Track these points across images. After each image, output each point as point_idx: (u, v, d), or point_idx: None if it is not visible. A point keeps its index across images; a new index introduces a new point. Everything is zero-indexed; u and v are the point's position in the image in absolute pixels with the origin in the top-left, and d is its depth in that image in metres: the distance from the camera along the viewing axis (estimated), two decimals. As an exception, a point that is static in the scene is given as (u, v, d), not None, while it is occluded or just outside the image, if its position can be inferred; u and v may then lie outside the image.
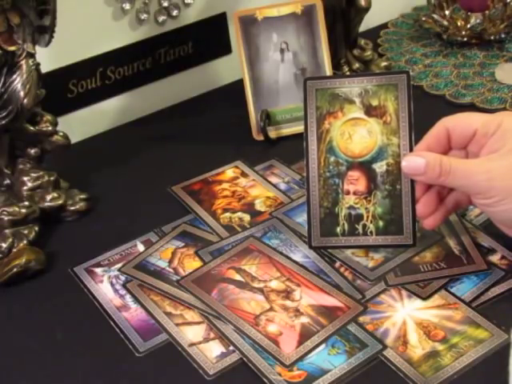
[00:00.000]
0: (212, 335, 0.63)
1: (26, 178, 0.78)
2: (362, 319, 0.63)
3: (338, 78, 0.69)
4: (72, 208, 0.79)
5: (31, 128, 0.77)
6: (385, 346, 0.60)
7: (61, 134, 0.79)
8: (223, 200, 0.79)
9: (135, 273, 0.70)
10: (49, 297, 0.70)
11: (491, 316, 0.62)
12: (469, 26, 1.06)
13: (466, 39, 1.07)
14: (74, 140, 0.83)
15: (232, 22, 0.93)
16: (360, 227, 0.67)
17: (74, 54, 0.91)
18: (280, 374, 0.58)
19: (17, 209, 0.75)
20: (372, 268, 0.68)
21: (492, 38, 1.06)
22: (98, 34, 0.92)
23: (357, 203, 0.67)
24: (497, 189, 0.60)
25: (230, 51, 1.03)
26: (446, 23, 1.07)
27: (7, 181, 0.79)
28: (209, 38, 1.01)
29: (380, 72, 0.95)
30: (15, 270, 0.70)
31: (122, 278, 0.70)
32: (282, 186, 0.81)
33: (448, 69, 1.03)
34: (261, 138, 0.89)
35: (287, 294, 0.66)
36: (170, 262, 0.71)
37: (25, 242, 0.74)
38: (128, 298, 0.68)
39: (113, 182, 0.85)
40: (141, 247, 0.74)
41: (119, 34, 0.94)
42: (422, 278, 0.66)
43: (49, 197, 0.78)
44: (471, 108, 0.92)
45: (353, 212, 0.67)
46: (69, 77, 0.91)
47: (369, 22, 1.08)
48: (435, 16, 1.08)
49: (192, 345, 0.62)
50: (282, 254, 0.70)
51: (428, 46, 1.09)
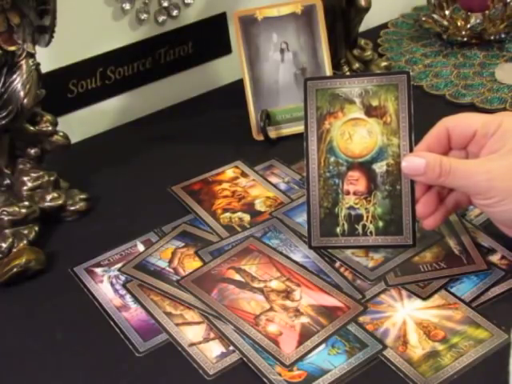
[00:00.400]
0: (212, 335, 0.63)
1: (25, 178, 0.78)
2: (361, 319, 0.63)
3: (338, 78, 0.69)
4: (72, 208, 0.79)
5: (31, 128, 0.77)
6: (385, 346, 0.60)
7: (61, 133, 0.79)
8: (223, 200, 0.79)
9: (135, 273, 0.70)
10: (49, 297, 0.70)
11: (491, 316, 0.62)
12: (469, 26, 1.06)
13: (466, 39, 1.07)
14: (73, 140, 0.83)
15: (232, 22, 0.93)
16: (360, 227, 0.67)
17: (73, 54, 0.91)
18: (280, 374, 0.58)
19: (17, 209, 0.75)
20: (372, 268, 0.68)
21: (492, 38, 1.06)
22: (98, 34, 0.92)
23: (357, 203, 0.67)
24: (497, 189, 0.60)
25: (230, 51, 1.03)
26: (446, 23, 1.07)
27: (7, 181, 0.79)
28: (209, 37, 1.01)
29: (380, 72, 0.95)
30: (15, 269, 0.70)
31: (122, 278, 0.70)
32: (282, 186, 0.81)
33: (448, 69, 1.03)
34: (261, 138, 0.89)
35: (287, 293, 0.66)
36: (170, 262, 0.71)
37: (25, 241, 0.74)
38: (128, 298, 0.68)
39: (113, 181, 0.85)
40: (141, 247, 0.74)
41: (119, 34, 0.94)
42: (421, 278, 0.66)
43: (49, 197, 0.78)
44: (471, 108, 0.92)
45: (353, 212, 0.67)
46: (69, 77, 0.91)
47: (369, 22, 1.08)
48: (435, 16, 1.08)
49: (192, 345, 0.62)
50: (282, 254, 0.70)
51: (428, 45, 1.09)
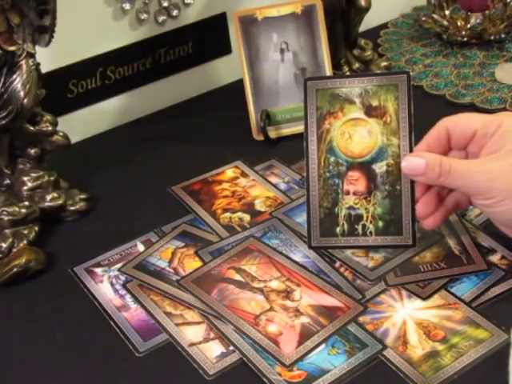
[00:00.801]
0: (212, 335, 0.63)
1: (26, 178, 0.78)
2: (362, 319, 0.63)
3: (338, 78, 0.69)
4: (72, 208, 0.79)
5: (31, 128, 0.77)
6: (385, 346, 0.60)
7: (61, 133, 0.79)
8: (223, 200, 0.79)
9: (135, 273, 0.70)
10: (49, 297, 0.70)
11: (491, 316, 0.62)
12: (469, 26, 1.06)
13: (466, 39, 1.07)
14: (73, 140, 0.83)
15: (232, 21, 0.93)
16: (360, 227, 0.67)
17: (73, 54, 0.91)
18: (280, 374, 0.58)
19: (17, 209, 0.75)
20: (372, 268, 0.68)
21: (492, 37, 1.06)
22: (98, 34, 0.92)
23: (356, 203, 0.67)
24: (497, 189, 0.60)
25: (230, 51, 1.03)
26: (446, 23, 1.07)
27: (7, 181, 0.79)
28: (209, 37, 1.01)
29: (380, 72, 0.95)
30: (15, 269, 0.70)
31: (122, 277, 0.70)
32: (282, 186, 0.81)
33: (448, 69, 1.03)
34: (261, 138, 0.89)
35: (287, 294, 0.66)
36: (170, 262, 0.71)
37: (25, 241, 0.74)
38: (128, 298, 0.68)
39: (113, 181, 0.85)
40: (141, 247, 0.74)
41: (119, 34, 0.94)
42: (422, 278, 0.66)
43: (49, 197, 0.78)
44: (471, 108, 0.92)
45: (352, 212, 0.67)
46: (69, 77, 0.91)
47: (369, 21, 1.08)
48: (435, 16, 1.08)
49: (192, 345, 0.62)
50: (282, 254, 0.70)
51: (428, 45, 1.09)
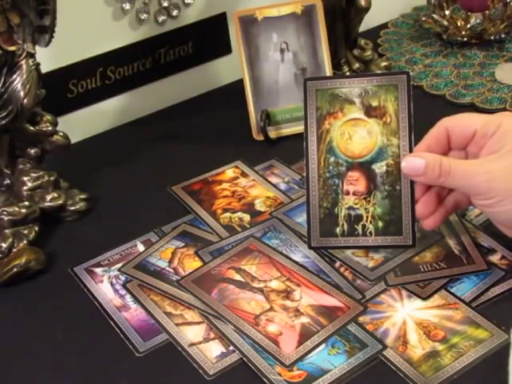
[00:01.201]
0: (212, 335, 0.63)
1: (26, 178, 0.78)
2: (362, 319, 0.63)
3: (338, 79, 0.69)
4: (72, 208, 0.79)
5: (31, 128, 0.77)
6: (385, 346, 0.60)
7: (61, 134, 0.79)
8: (223, 200, 0.79)
9: (135, 273, 0.70)
10: (49, 297, 0.70)
11: (491, 316, 0.62)
12: (469, 26, 1.06)
13: (466, 39, 1.07)
14: (73, 140, 0.83)
15: (232, 21, 0.93)
16: (359, 228, 0.67)
17: (73, 54, 0.91)
18: (280, 374, 0.58)
19: (17, 209, 0.75)
20: (372, 268, 0.68)
21: (492, 37, 1.07)
22: (98, 34, 0.92)
23: (356, 204, 0.67)
24: (497, 189, 0.60)
25: (230, 51, 1.03)
26: (445, 23, 1.07)
27: (7, 181, 0.79)
28: (209, 37, 1.01)
29: (380, 72, 0.95)
30: (15, 269, 0.70)
31: (122, 278, 0.70)
32: (282, 186, 0.81)
33: (448, 69, 1.03)
34: (261, 138, 0.89)
35: (287, 293, 0.66)
36: (170, 262, 0.71)
37: (25, 242, 0.74)
38: (128, 298, 0.68)
39: (113, 181, 0.85)
40: (141, 247, 0.74)
41: (119, 34, 0.94)
42: (422, 278, 0.66)
43: (49, 197, 0.78)
44: (471, 108, 0.92)
45: (352, 212, 0.67)
46: (69, 77, 0.91)
47: (369, 22, 1.08)
48: (435, 16, 1.08)
49: (192, 345, 0.62)
50: (282, 254, 0.70)
51: (428, 46, 1.09)
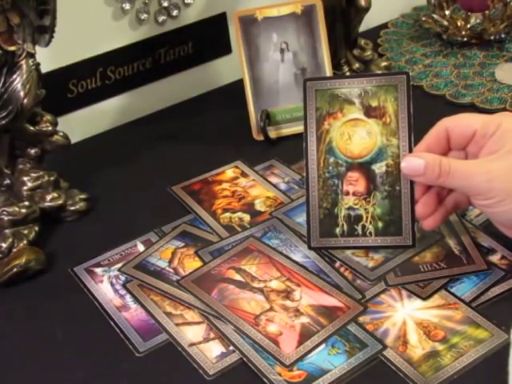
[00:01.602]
0: (212, 335, 0.63)
1: (26, 178, 0.78)
2: (362, 319, 0.63)
3: (337, 79, 0.69)
4: (72, 208, 0.79)
5: (31, 128, 0.77)
6: (385, 346, 0.60)
7: (61, 134, 0.79)
8: (223, 200, 0.79)
9: (135, 273, 0.70)
10: (49, 297, 0.70)
11: (491, 316, 0.62)
12: (469, 26, 1.06)
13: (466, 39, 1.07)
14: (73, 140, 0.83)
15: (232, 21, 0.93)
16: (359, 228, 0.67)
17: (73, 54, 0.91)
18: (280, 374, 0.58)
19: (17, 209, 0.75)
20: (372, 268, 0.68)
21: (492, 37, 1.06)
22: (98, 34, 0.92)
23: (356, 204, 0.67)
24: (496, 190, 0.60)
25: (230, 51, 1.03)
26: (445, 23, 1.07)
27: (7, 181, 0.79)
28: (209, 37, 1.01)
29: (380, 73, 0.95)
30: (15, 269, 0.70)
31: (122, 278, 0.70)
32: (282, 186, 0.81)
33: (448, 69, 1.03)
34: (261, 138, 0.89)
35: (287, 293, 0.66)
36: (170, 262, 0.71)
37: (25, 242, 0.74)
38: (128, 298, 0.68)
39: (113, 181, 0.85)
40: (141, 247, 0.74)
41: (119, 34, 0.94)
42: (422, 278, 0.66)
43: (49, 197, 0.78)
44: (471, 108, 0.92)
45: (352, 213, 0.67)
46: (69, 77, 0.91)
47: (369, 21, 1.08)
48: (435, 16, 1.08)
49: (192, 345, 0.62)
50: (282, 254, 0.70)
51: (428, 45, 1.09)
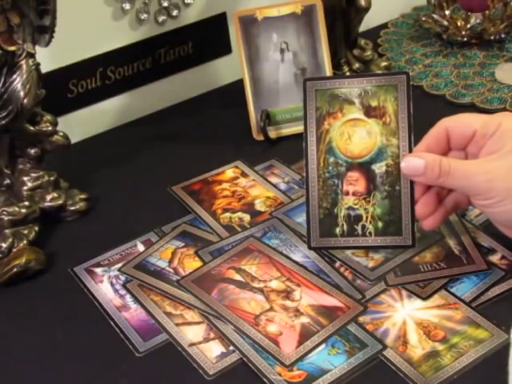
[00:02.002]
0: (212, 335, 0.63)
1: (26, 178, 0.78)
2: (362, 319, 0.63)
3: (337, 79, 0.69)
4: (72, 208, 0.79)
5: (31, 128, 0.77)
6: (385, 346, 0.60)
7: (61, 134, 0.79)
8: (223, 200, 0.79)
9: (135, 273, 0.70)
10: (49, 297, 0.70)
11: (491, 316, 0.62)
12: (469, 26, 1.06)
13: (466, 39, 1.07)
14: (73, 140, 0.83)
15: (232, 21, 0.93)
16: (359, 228, 0.67)
17: (73, 54, 0.91)
18: (280, 374, 0.58)
19: (17, 209, 0.75)
20: (372, 268, 0.68)
21: (492, 37, 1.06)
22: (98, 34, 0.92)
23: (356, 204, 0.67)
24: (496, 190, 0.60)
25: (230, 51, 1.03)
26: (445, 23, 1.07)
27: (7, 181, 0.79)
28: (209, 37, 1.01)
29: (380, 73, 0.95)
30: (15, 269, 0.70)
31: (122, 278, 0.70)
32: (282, 186, 0.81)
33: (448, 69, 1.03)
34: (261, 138, 0.89)
35: (287, 293, 0.66)
36: (170, 262, 0.71)
37: (25, 242, 0.74)
38: (128, 298, 0.68)
39: (113, 181, 0.85)
40: (141, 247, 0.74)
41: (119, 34, 0.94)
42: (422, 278, 0.66)
43: (49, 197, 0.78)
44: (471, 108, 0.92)
45: (352, 213, 0.67)
46: (69, 77, 0.91)
47: (369, 21, 1.08)
48: (435, 16, 1.08)
49: (192, 345, 0.62)
50: (282, 254, 0.70)
51: (428, 45, 1.09)
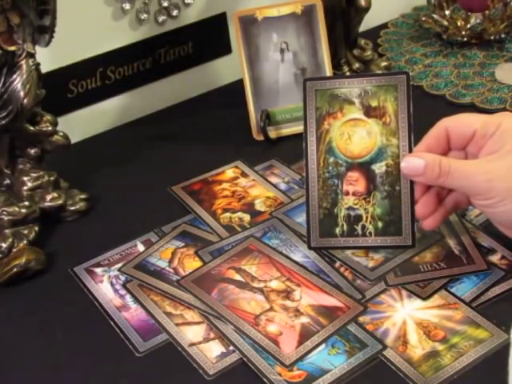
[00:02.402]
0: (212, 335, 0.63)
1: (26, 178, 0.78)
2: (362, 319, 0.63)
3: (337, 79, 0.69)
4: (72, 208, 0.79)
5: (31, 128, 0.77)
6: (385, 346, 0.60)
7: (61, 134, 0.79)
8: (223, 200, 0.79)
9: (135, 273, 0.70)
10: (49, 297, 0.70)
11: (491, 316, 0.62)
12: (469, 26, 1.06)
13: (466, 39, 1.07)
14: (73, 140, 0.83)
15: (232, 21, 0.93)
16: (359, 228, 0.67)
17: (73, 53, 0.91)
18: (280, 374, 0.58)
19: (17, 209, 0.75)
20: (372, 268, 0.68)
21: (492, 37, 1.06)
22: (98, 34, 0.92)
23: (356, 204, 0.67)
24: (496, 190, 0.60)
25: (230, 51, 1.03)
26: (445, 23, 1.07)
27: (7, 181, 0.79)
28: (209, 37, 1.01)
29: (379, 73, 0.95)
30: (15, 269, 0.70)
31: (122, 278, 0.70)
32: (282, 186, 0.81)
33: (448, 69, 1.03)
34: (261, 138, 0.89)
35: (287, 293, 0.66)
36: (170, 262, 0.71)
37: (25, 242, 0.74)
38: (128, 298, 0.68)
39: (113, 181, 0.85)
40: (141, 247, 0.74)
41: (119, 34, 0.94)
42: (422, 278, 0.66)
43: (49, 197, 0.78)
44: (471, 108, 0.92)
45: (352, 213, 0.67)
46: (69, 77, 0.91)
47: (369, 21, 1.08)
48: (435, 16, 1.08)
49: (192, 345, 0.62)
50: (282, 254, 0.70)
51: (428, 45, 1.09)
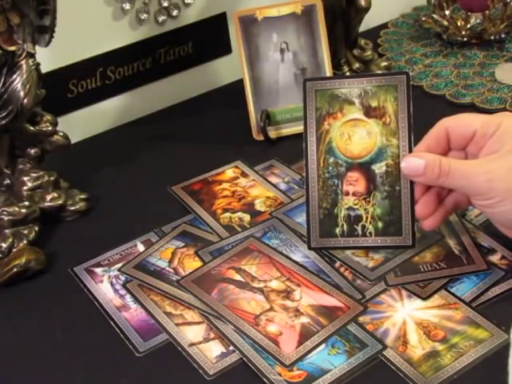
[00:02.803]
0: (212, 335, 0.63)
1: (26, 178, 0.78)
2: (362, 319, 0.63)
3: (337, 79, 0.69)
4: (72, 208, 0.79)
5: (31, 128, 0.77)
6: (385, 346, 0.60)
7: (61, 134, 0.79)
8: (223, 200, 0.80)
9: (135, 273, 0.70)
10: (49, 297, 0.70)
11: (491, 316, 0.62)
12: (469, 26, 1.06)
13: (466, 39, 1.07)
14: (73, 140, 0.83)
15: (232, 21, 0.93)
16: (359, 228, 0.67)
17: (73, 54, 0.91)
18: (280, 374, 0.58)
19: (17, 209, 0.75)
20: (372, 268, 0.68)
21: (492, 37, 1.06)
22: (98, 34, 0.92)
23: (356, 204, 0.67)
24: (496, 190, 0.60)
25: (230, 51, 1.03)
26: (446, 23, 1.07)
27: (7, 181, 0.79)
28: (209, 37, 1.01)
29: (379, 73, 0.95)
30: (15, 269, 0.70)
31: (122, 278, 0.70)
32: (282, 186, 0.81)
33: (448, 69, 1.03)
34: (261, 138, 0.89)
35: (287, 293, 0.66)
36: (170, 262, 0.71)
37: (25, 242, 0.74)
38: (128, 298, 0.68)
39: (113, 181, 0.85)
40: (141, 247, 0.74)
41: (119, 34, 0.94)
42: (422, 278, 0.66)
43: (49, 197, 0.78)
44: (471, 108, 0.92)
45: (352, 213, 0.67)
46: (69, 77, 0.91)
47: (369, 21, 1.08)
48: (435, 16, 1.09)
49: (192, 345, 0.62)
50: (282, 254, 0.70)
51: (428, 45, 1.09)
